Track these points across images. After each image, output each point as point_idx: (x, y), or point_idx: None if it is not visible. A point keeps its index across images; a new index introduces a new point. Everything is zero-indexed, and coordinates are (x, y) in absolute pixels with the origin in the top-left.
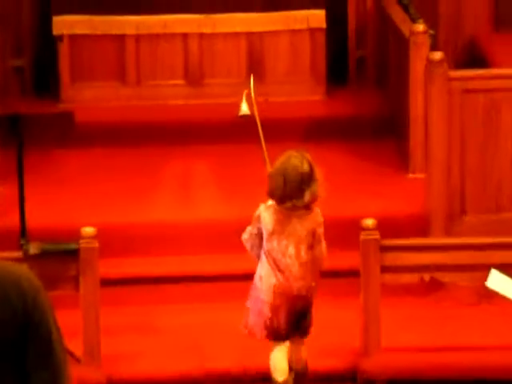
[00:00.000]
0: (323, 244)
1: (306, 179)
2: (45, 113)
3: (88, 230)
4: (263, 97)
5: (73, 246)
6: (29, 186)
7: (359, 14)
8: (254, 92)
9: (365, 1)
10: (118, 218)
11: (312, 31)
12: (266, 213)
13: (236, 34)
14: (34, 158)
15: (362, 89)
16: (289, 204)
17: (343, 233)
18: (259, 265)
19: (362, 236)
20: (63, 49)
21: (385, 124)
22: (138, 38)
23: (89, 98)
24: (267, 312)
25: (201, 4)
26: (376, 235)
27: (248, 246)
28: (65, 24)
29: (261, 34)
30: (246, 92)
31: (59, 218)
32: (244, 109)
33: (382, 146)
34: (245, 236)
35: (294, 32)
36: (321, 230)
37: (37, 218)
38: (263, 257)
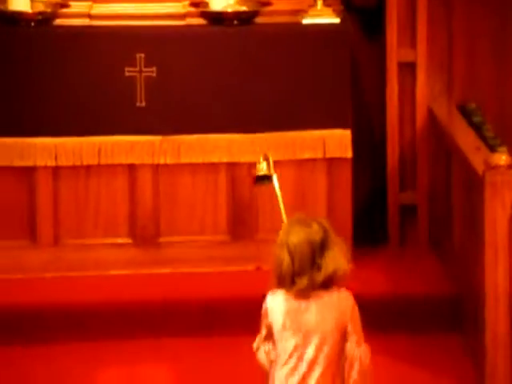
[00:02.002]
0: (363, 346)
1: (319, 247)
2: None
3: None
4: (253, 263)
5: None
6: None
7: (404, 137)
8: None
9: (413, 116)
10: None
11: (330, 162)
12: (274, 302)
13: (211, 166)
14: None
15: (409, 253)
16: (304, 280)
17: None
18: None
19: None
20: None
21: (444, 311)
22: (55, 171)
23: None
24: None
25: (155, 120)
26: None
27: (262, 357)
28: None
29: (249, 166)
30: (264, 153)
31: None
32: (263, 167)
33: (438, 345)
34: (255, 345)
35: (301, 163)
36: (355, 325)
37: None
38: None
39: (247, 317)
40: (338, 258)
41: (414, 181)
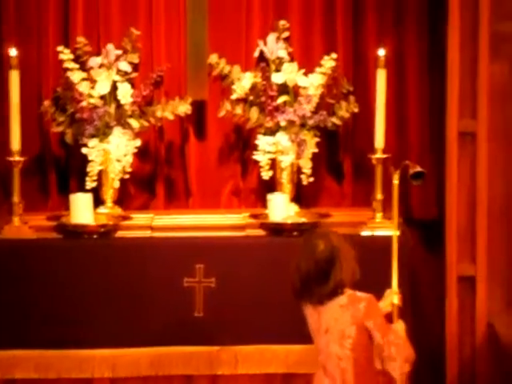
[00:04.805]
0: (389, 336)
1: (325, 264)
2: None
3: None
4: None
5: None
6: None
7: (464, 352)
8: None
9: (473, 331)
10: None
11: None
12: (305, 309)
13: (268, 377)
14: None
15: None
16: (314, 298)
17: None
18: None
19: None
20: None
21: None
22: (112, 382)
23: None
24: None
25: (213, 331)
26: None
27: None
28: None
29: (306, 377)
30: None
31: None
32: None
33: None
34: None
35: None
36: (374, 322)
37: None
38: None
39: None
40: (344, 268)
41: None
